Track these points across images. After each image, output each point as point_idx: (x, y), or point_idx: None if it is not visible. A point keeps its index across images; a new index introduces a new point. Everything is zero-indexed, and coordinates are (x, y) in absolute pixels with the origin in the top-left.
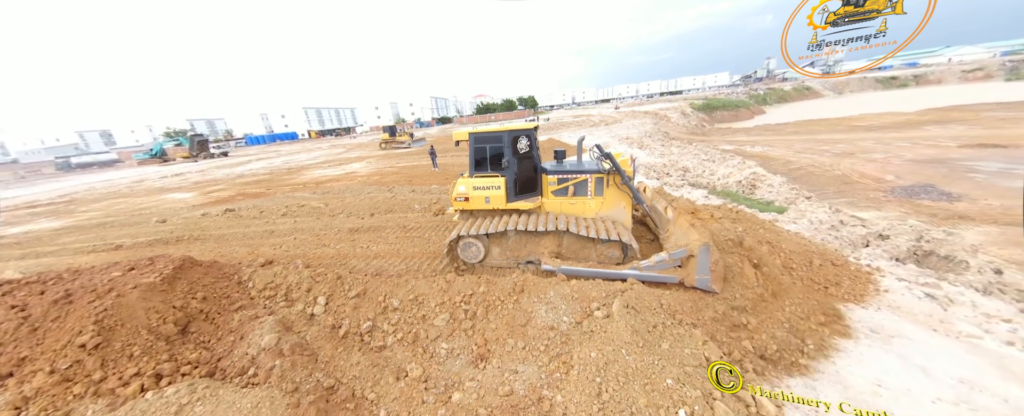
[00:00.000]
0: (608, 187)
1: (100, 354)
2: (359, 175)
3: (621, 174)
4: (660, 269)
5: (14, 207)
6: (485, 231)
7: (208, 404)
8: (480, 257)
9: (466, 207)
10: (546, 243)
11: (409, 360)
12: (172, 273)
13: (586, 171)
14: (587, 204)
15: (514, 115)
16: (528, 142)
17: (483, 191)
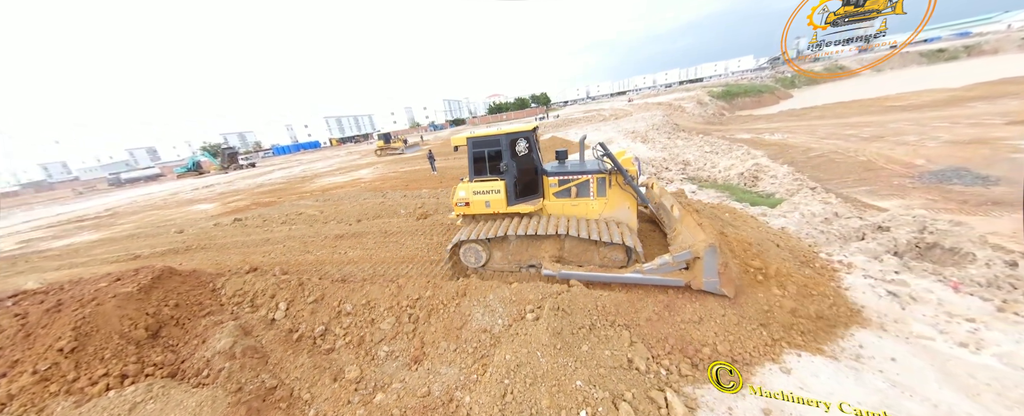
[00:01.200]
0: (611, 187)
1: (75, 357)
2: (363, 181)
3: (623, 173)
4: (664, 272)
5: (66, 221)
6: (486, 235)
7: (159, 402)
8: (482, 262)
9: (467, 212)
10: (547, 247)
11: (351, 362)
12: (150, 283)
13: (587, 171)
14: (590, 205)
15: (526, 113)
16: (527, 144)
17: (483, 195)
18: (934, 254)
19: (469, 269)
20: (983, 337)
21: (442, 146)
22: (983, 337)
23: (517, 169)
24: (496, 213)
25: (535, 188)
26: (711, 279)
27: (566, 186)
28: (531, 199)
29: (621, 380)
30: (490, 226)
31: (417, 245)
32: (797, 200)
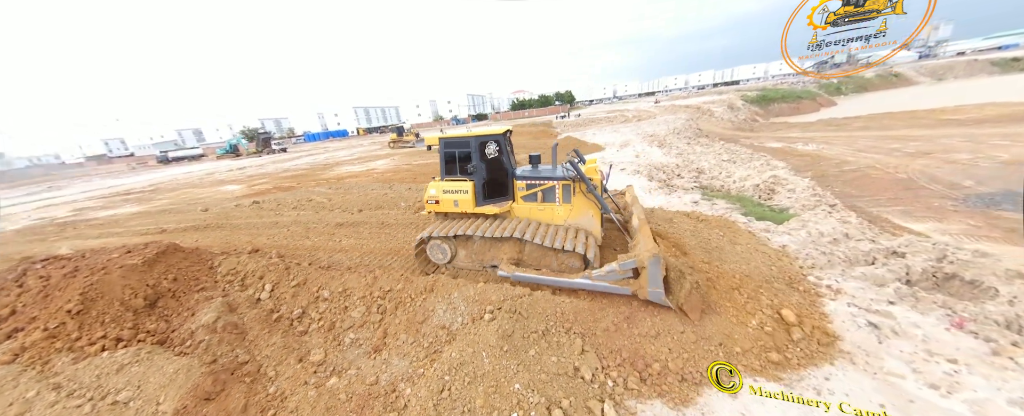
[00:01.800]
0: (575, 195)
1: (79, 319)
2: (376, 172)
3: (586, 182)
4: (611, 280)
5: (115, 194)
6: (451, 233)
7: (143, 366)
8: (447, 259)
9: (436, 209)
10: (507, 249)
11: (319, 345)
12: (154, 257)
13: (553, 178)
14: (555, 211)
15: (548, 111)
16: (496, 147)
17: (452, 194)
18: (951, 286)
19: (436, 265)
20: (961, 381)
21: None
22: (961, 381)
23: (486, 171)
24: (464, 212)
25: (504, 190)
26: (656, 290)
27: (533, 190)
28: (499, 201)
29: (561, 387)
30: (457, 224)
31: (407, 238)
32: (808, 217)
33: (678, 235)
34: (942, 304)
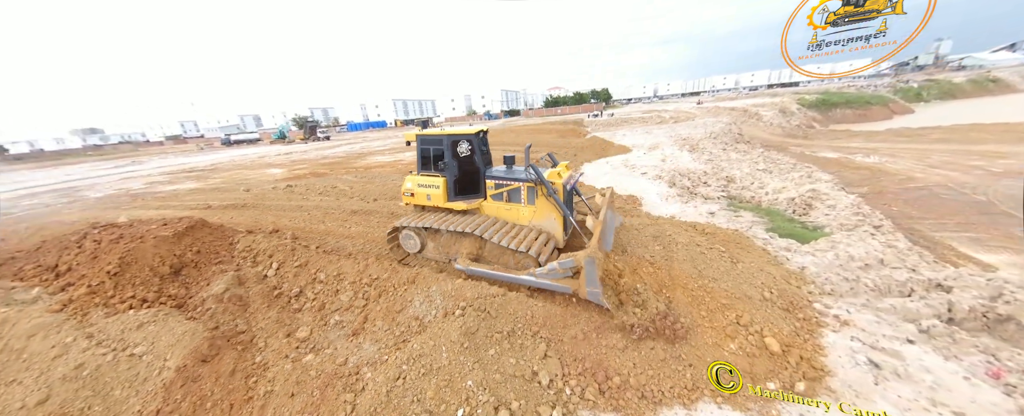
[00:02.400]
0: (538, 197)
1: (115, 279)
2: (402, 163)
3: (546, 186)
4: (553, 278)
5: (181, 170)
6: (423, 225)
7: (159, 326)
8: (417, 248)
9: (412, 201)
10: (468, 244)
11: (307, 324)
12: (184, 230)
13: (518, 179)
14: (520, 211)
15: (582, 108)
16: (469, 146)
17: (426, 188)
18: (1006, 329)
19: (407, 254)
20: None
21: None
22: None
23: (458, 168)
24: (436, 206)
25: (475, 188)
26: (593, 289)
27: (501, 190)
28: (470, 198)
29: (514, 389)
30: (428, 217)
31: None
32: (841, 238)
33: (668, 250)
34: (985, 349)
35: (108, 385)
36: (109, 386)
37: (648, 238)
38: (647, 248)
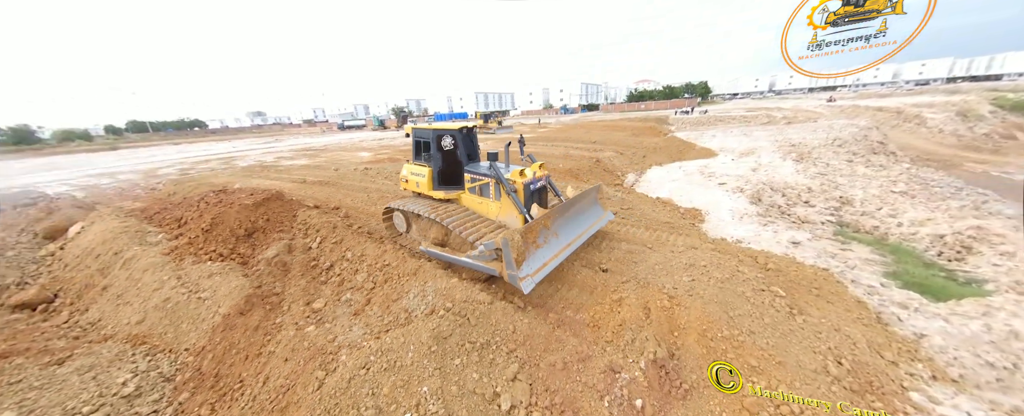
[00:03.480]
0: (503, 194)
1: (206, 235)
2: None
3: (504, 184)
4: (482, 260)
5: (301, 149)
6: (407, 208)
7: (223, 277)
8: (404, 229)
9: (405, 187)
10: (436, 230)
11: (325, 296)
12: (261, 201)
13: (486, 175)
14: (490, 206)
15: (672, 104)
16: (452, 141)
17: (416, 176)
18: None
19: (399, 233)
20: None
21: (561, 131)
22: None
23: (442, 161)
24: (422, 193)
25: (457, 180)
26: (511, 272)
27: (474, 184)
28: (451, 188)
29: (467, 407)
30: (415, 203)
31: None
32: (1007, 302)
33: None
34: None
35: (180, 318)
36: (180, 319)
37: (680, 266)
38: (671, 277)
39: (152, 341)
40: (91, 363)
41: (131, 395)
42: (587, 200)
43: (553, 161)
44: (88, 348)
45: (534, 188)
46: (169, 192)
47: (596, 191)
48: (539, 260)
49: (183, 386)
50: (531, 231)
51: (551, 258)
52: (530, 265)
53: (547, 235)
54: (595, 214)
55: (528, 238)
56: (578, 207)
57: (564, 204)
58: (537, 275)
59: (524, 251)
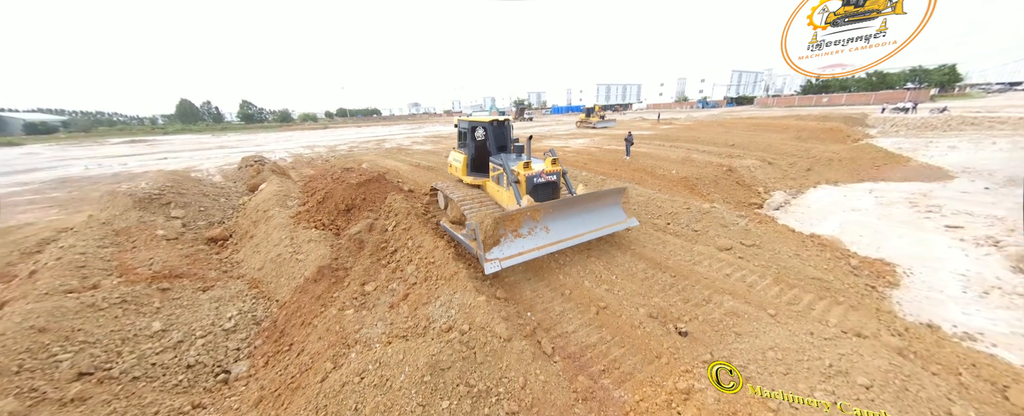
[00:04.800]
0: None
1: (318, 207)
2: (568, 150)
3: (507, 174)
4: (468, 239)
5: (432, 135)
6: (442, 188)
7: (316, 245)
8: (443, 206)
9: (450, 171)
10: (455, 210)
11: (378, 281)
12: (364, 181)
13: (500, 165)
14: (503, 194)
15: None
16: (483, 132)
17: (456, 163)
18: None
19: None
20: None
21: (688, 130)
22: None
23: (474, 150)
24: (459, 178)
25: (485, 168)
26: (479, 252)
27: (495, 173)
28: (479, 175)
29: None
30: (450, 185)
31: None
32: None
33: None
34: None
35: (281, 273)
36: (281, 274)
37: (819, 364)
38: (795, 381)
39: (261, 287)
40: (221, 295)
41: (230, 329)
42: (598, 201)
43: (662, 166)
44: (225, 283)
45: (539, 182)
46: (330, 165)
47: (618, 194)
48: (516, 248)
49: (262, 332)
50: (510, 219)
51: (531, 249)
52: (503, 250)
53: (533, 227)
54: (611, 217)
55: (504, 224)
56: (583, 206)
57: (560, 201)
58: (508, 261)
59: (495, 235)
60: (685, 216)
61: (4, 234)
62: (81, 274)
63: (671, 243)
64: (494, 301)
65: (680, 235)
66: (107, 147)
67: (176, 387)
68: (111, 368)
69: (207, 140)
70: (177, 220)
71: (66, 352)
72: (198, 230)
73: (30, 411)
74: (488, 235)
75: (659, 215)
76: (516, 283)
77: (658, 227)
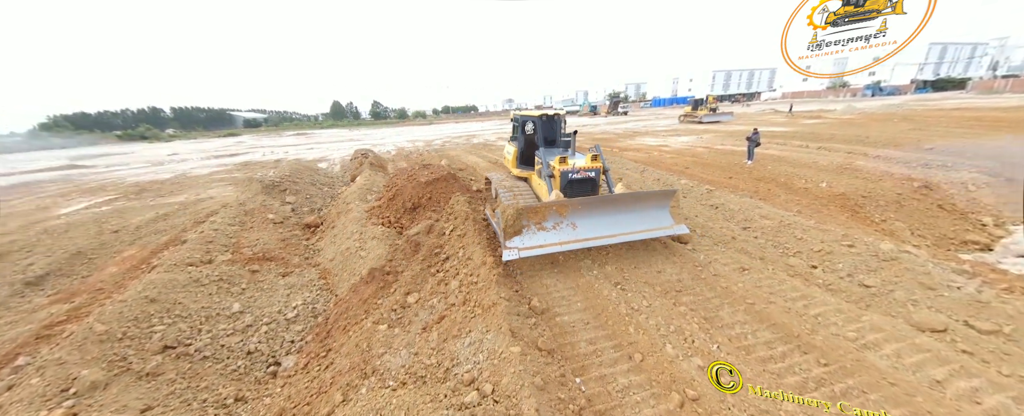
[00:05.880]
0: None
1: (388, 203)
2: (661, 150)
3: (544, 168)
4: (498, 225)
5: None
6: (492, 178)
7: (379, 242)
8: (494, 196)
9: (503, 163)
10: (501, 201)
11: (422, 292)
12: (434, 180)
13: (542, 161)
14: (543, 187)
15: None
16: (533, 127)
17: (508, 155)
18: None
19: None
20: None
21: (847, 125)
22: None
23: (524, 143)
24: (509, 170)
25: (531, 162)
26: (501, 239)
27: (538, 167)
28: (526, 168)
29: None
30: (500, 176)
31: None
32: None
33: None
34: None
35: (345, 267)
36: (345, 268)
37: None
38: None
39: (329, 279)
40: (295, 282)
41: (291, 319)
42: (639, 202)
43: (804, 176)
44: (303, 270)
45: (574, 177)
46: (417, 160)
47: (666, 196)
48: (537, 240)
49: (315, 328)
50: (533, 211)
51: (554, 243)
52: (523, 241)
53: (559, 222)
54: (654, 221)
55: (526, 214)
56: (618, 206)
57: (589, 198)
58: (526, 252)
59: (517, 225)
60: (846, 259)
61: (192, 205)
62: (205, 249)
63: (819, 301)
64: (533, 353)
65: (836, 290)
66: (283, 138)
67: (234, 373)
68: (190, 344)
69: (345, 133)
70: (288, 205)
71: (162, 324)
72: (302, 215)
73: (111, 380)
74: (509, 224)
75: (797, 251)
76: (570, 328)
77: (796, 271)
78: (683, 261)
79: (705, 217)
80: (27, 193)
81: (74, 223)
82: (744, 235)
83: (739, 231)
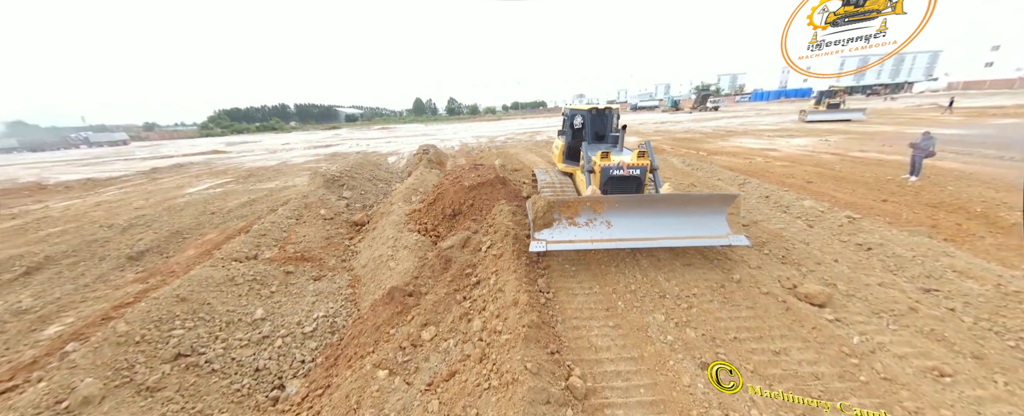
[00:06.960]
0: None
1: (428, 208)
2: (773, 155)
3: (585, 163)
4: (530, 214)
5: None
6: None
7: (409, 251)
8: (539, 189)
9: (551, 157)
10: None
11: (442, 325)
12: (477, 184)
13: (585, 155)
14: (583, 183)
15: None
16: (581, 121)
17: (556, 149)
18: None
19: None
20: None
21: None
22: None
23: (572, 137)
24: (556, 164)
25: (577, 156)
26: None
27: (583, 162)
28: (572, 163)
29: None
30: (546, 170)
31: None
32: None
33: None
34: None
35: (374, 278)
36: (374, 278)
37: None
38: None
39: (357, 288)
40: (324, 288)
41: (307, 334)
42: (688, 206)
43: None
44: (334, 274)
45: (615, 174)
46: (474, 158)
47: (723, 201)
48: (568, 235)
49: (326, 350)
50: (565, 205)
51: (585, 240)
52: (552, 234)
53: (593, 219)
54: (706, 228)
55: (558, 208)
56: (662, 208)
57: (628, 196)
58: (554, 245)
59: (548, 218)
60: None
61: (277, 192)
62: (257, 243)
63: None
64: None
65: None
66: (370, 132)
67: (236, 393)
68: (204, 352)
69: (421, 128)
70: (343, 201)
71: (182, 328)
72: (353, 212)
73: (108, 394)
74: (539, 216)
75: None
76: None
77: None
78: (822, 340)
79: (849, 263)
80: (176, 173)
81: (190, 203)
82: (929, 304)
83: (918, 295)
